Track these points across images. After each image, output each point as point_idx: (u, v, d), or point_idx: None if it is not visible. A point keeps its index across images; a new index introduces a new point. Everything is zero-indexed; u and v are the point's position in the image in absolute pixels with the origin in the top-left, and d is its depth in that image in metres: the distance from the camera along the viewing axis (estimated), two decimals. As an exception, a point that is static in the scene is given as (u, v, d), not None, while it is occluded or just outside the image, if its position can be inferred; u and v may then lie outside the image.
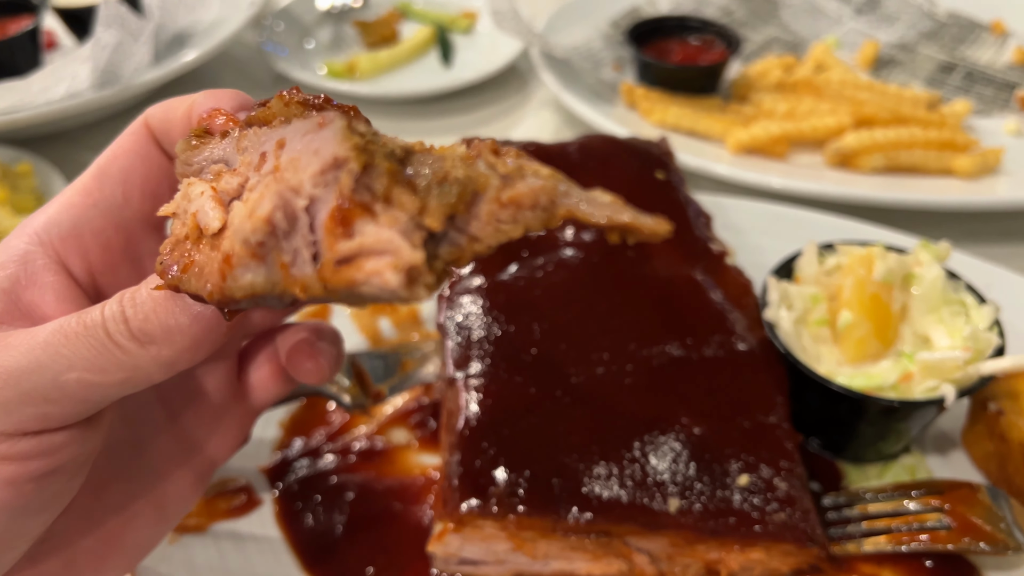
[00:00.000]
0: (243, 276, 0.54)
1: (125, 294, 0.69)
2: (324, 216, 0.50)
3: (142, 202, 0.83)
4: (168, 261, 0.63)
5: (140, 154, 0.81)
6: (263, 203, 0.52)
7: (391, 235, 0.48)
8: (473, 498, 1.05)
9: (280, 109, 0.59)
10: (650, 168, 1.52)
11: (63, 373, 0.66)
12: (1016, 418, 1.22)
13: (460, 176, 0.51)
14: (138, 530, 0.91)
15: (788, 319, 1.27)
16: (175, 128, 0.79)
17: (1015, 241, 1.88)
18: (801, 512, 1.08)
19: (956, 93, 2.35)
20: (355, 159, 0.49)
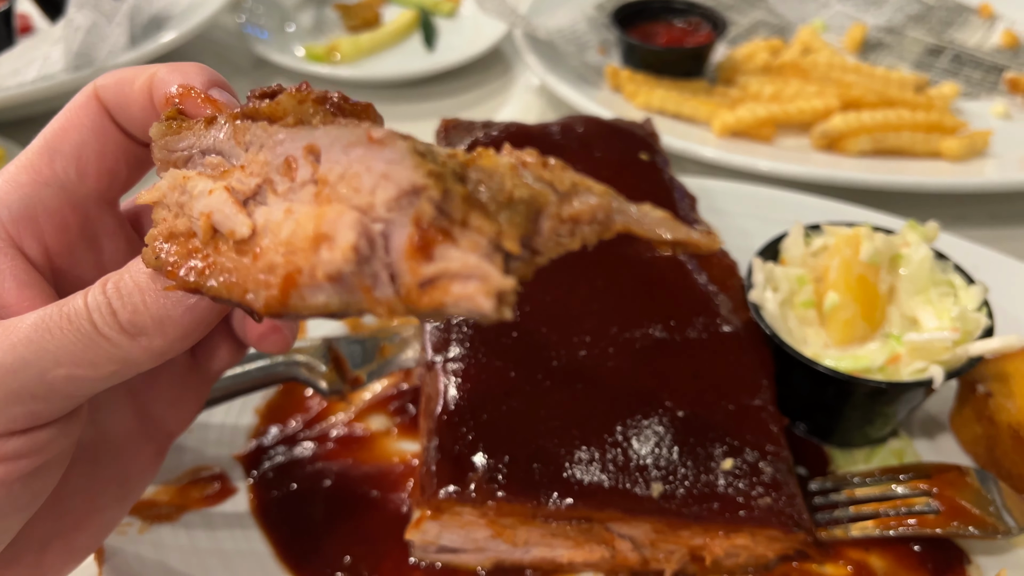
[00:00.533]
0: (315, 296, 0.54)
1: (108, 283, 0.66)
2: (401, 240, 0.50)
3: (98, 180, 0.79)
4: (174, 260, 0.61)
5: (93, 129, 0.76)
6: (343, 231, 0.51)
7: (477, 261, 0.49)
8: (451, 484, 1.03)
9: (293, 107, 0.58)
10: (634, 149, 1.49)
11: (50, 370, 0.65)
12: (1005, 400, 1.20)
13: (524, 196, 0.53)
14: (103, 509, 0.88)
15: (774, 301, 1.25)
16: (133, 104, 0.74)
17: (1003, 224, 1.86)
18: (787, 497, 1.06)
19: (944, 76, 2.33)
20: (434, 187, 0.50)
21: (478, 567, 1.12)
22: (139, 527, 1.10)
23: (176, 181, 0.63)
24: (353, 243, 0.51)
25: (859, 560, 1.14)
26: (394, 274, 0.51)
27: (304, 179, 0.56)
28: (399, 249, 0.50)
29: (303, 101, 0.58)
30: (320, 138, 0.56)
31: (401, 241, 0.50)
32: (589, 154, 1.45)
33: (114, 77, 0.76)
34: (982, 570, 1.13)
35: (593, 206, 0.54)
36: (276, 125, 0.59)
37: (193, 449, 1.22)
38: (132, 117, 0.75)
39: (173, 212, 0.63)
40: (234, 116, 0.62)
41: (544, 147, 1.46)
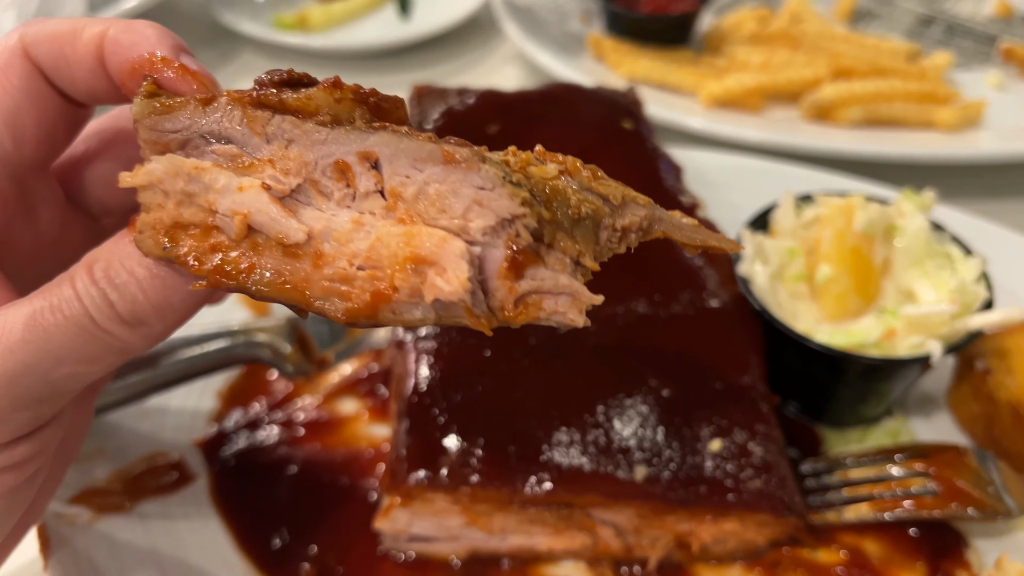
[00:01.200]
0: (410, 312, 0.57)
1: (95, 270, 0.63)
2: (496, 262, 0.56)
3: (36, 148, 0.72)
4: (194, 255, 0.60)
5: (27, 92, 0.69)
6: (455, 261, 0.55)
7: (568, 280, 0.57)
8: (422, 469, 0.97)
9: (328, 104, 0.59)
10: (617, 117, 1.42)
11: (53, 371, 0.64)
12: (1004, 377, 1.14)
13: (589, 212, 0.58)
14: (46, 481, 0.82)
15: (763, 274, 1.19)
16: (77, 66, 0.68)
17: (998, 197, 1.81)
18: (778, 479, 1.00)
19: (936, 46, 2.27)
20: (530, 216, 0.56)
21: (452, 557, 1.06)
22: (89, 517, 1.03)
23: (180, 168, 0.60)
24: (469, 275, 0.55)
25: (853, 545, 1.09)
26: (487, 291, 0.57)
27: (368, 189, 0.58)
28: (493, 270, 0.56)
29: (340, 100, 0.58)
30: (377, 146, 0.58)
31: (496, 263, 0.56)
32: (569, 122, 1.38)
33: (46, 31, 0.68)
34: (981, 554, 1.08)
35: (641, 217, 0.61)
36: (309, 122, 0.59)
37: (149, 435, 1.15)
38: (75, 80, 0.69)
39: (174, 200, 0.60)
40: (244, 101, 0.60)
41: (523, 115, 1.40)
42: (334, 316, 0.58)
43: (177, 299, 0.64)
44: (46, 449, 0.71)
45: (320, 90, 0.59)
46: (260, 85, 0.61)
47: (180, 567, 1.01)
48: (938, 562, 1.07)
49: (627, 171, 1.30)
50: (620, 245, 0.61)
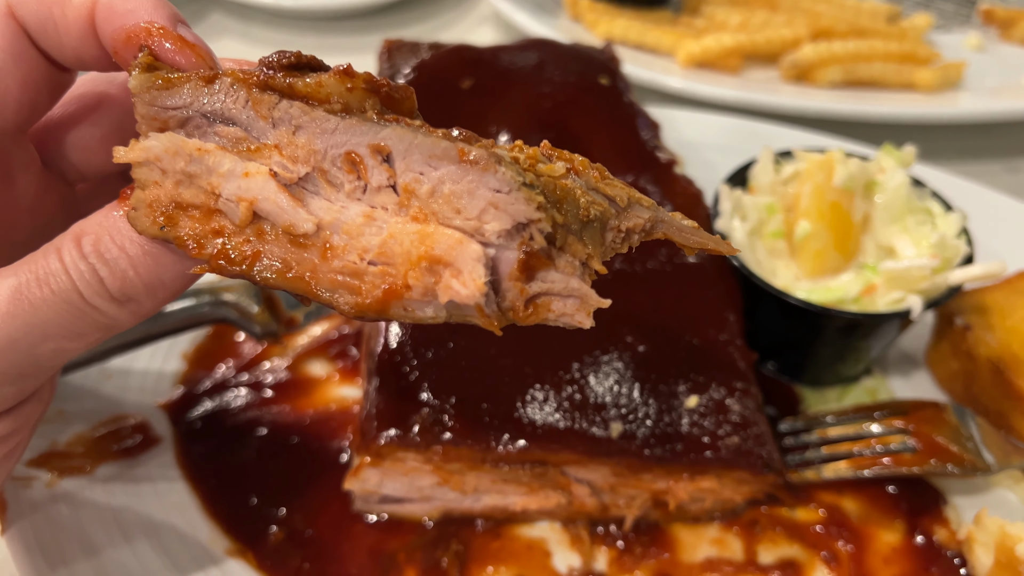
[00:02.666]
0: (422, 309, 0.58)
1: (83, 243, 0.61)
2: (509, 264, 0.57)
3: (18, 112, 0.70)
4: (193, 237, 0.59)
5: (13, 54, 0.67)
6: (472, 264, 0.55)
7: (578, 283, 0.59)
8: (393, 427, 0.94)
9: (339, 92, 0.58)
10: (593, 73, 1.39)
11: (38, 345, 0.62)
12: (984, 333, 1.13)
13: (597, 214, 0.59)
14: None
15: (741, 230, 1.16)
16: (66, 31, 0.66)
17: (978, 158, 1.80)
18: (756, 436, 0.99)
19: (916, 8, 2.25)
20: (545, 220, 0.56)
21: (424, 518, 1.03)
22: (47, 480, 0.99)
23: (181, 148, 0.59)
24: (486, 279, 0.55)
25: (832, 503, 1.07)
26: (498, 291, 0.57)
27: (380, 183, 0.58)
28: (506, 271, 0.57)
29: (352, 88, 0.58)
30: (390, 139, 0.57)
31: (509, 265, 0.57)
32: (545, 78, 1.35)
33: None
34: (959, 511, 1.07)
35: (645, 219, 0.62)
36: (319, 109, 0.58)
37: (111, 396, 1.12)
38: (62, 45, 0.67)
39: (173, 179, 0.59)
40: (249, 83, 0.59)
41: (497, 70, 1.36)
42: (342, 309, 0.58)
43: (168, 277, 0.63)
44: (27, 424, 0.71)
45: (331, 76, 0.58)
46: (267, 67, 0.60)
47: (144, 529, 0.98)
48: (917, 519, 1.06)
49: (605, 126, 1.28)
50: (623, 245, 0.62)
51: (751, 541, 1.04)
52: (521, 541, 1.03)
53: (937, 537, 1.04)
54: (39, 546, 0.92)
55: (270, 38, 2.13)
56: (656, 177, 1.23)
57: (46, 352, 0.63)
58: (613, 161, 1.23)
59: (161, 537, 0.98)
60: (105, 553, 0.94)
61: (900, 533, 1.05)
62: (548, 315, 0.59)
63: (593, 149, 1.22)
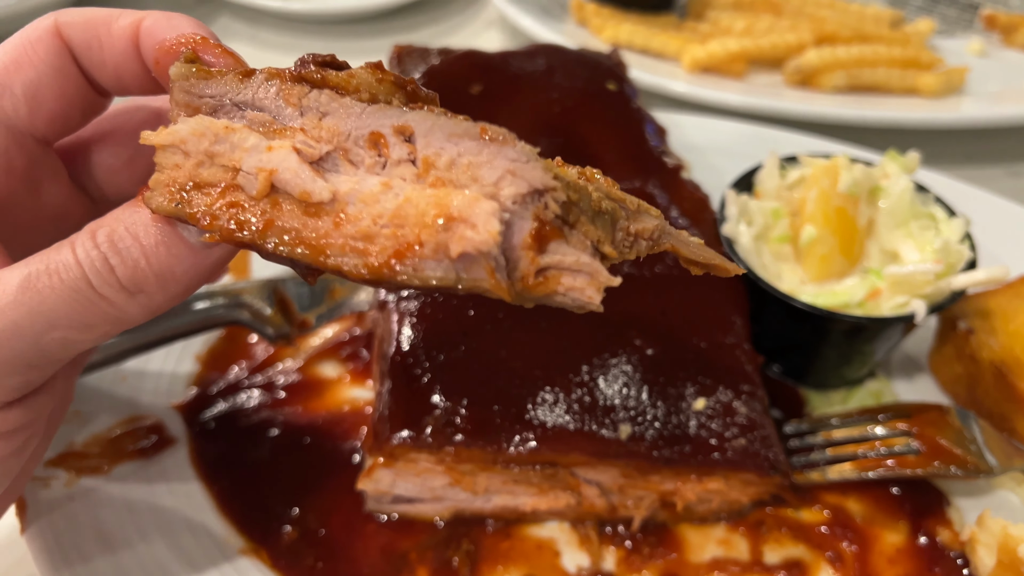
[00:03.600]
0: (431, 269, 0.56)
1: (98, 234, 0.61)
2: (523, 232, 0.56)
3: (50, 122, 0.73)
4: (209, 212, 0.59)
5: (53, 67, 0.70)
6: (486, 217, 0.55)
7: (589, 259, 0.57)
8: (406, 429, 0.95)
9: (369, 83, 0.60)
10: (601, 79, 1.40)
11: (45, 334, 0.62)
12: (987, 337, 1.14)
13: (608, 209, 0.60)
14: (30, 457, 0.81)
15: (747, 235, 1.18)
16: (109, 48, 0.69)
17: (980, 163, 1.81)
18: (762, 438, 1.00)
19: (919, 13, 2.26)
20: (561, 189, 0.56)
21: (436, 518, 1.05)
22: (66, 480, 1.01)
23: (209, 128, 0.60)
24: (500, 230, 0.55)
25: (836, 504, 1.09)
26: (510, 259, 0.57)
27: (400, 157, 0.59)
28: (519, 239, 0.56)
29: (382, 80, 0.60)
30: (413, 121, 0.59)
31: (523, 232, 0.56)
32: (553, 84, 1.36)
33: (82, 16, 0.70)
34: (962, 512, 1.09)
35: (652, 226, 0.63)
36: (347, 97, 0.60)
37: (127, 398, 1.13)
38: (103, 61, 0.70)
39: (195, 161, 0.60)
40: (283, 76, 0.61)
41: (506, 76, 1.37)
42: (350, 272, 0.57)
43: (180, 269, 0.63)
44: (37, 419, 0.70)
45: (363, 69, 0.60)
46: (302, 63, 0.62)
47: (160, 528, 0.99)
48: (920, 520, 1.07)
49: (613, 132, 1.29)
50: (631, 251, 0.62)
51: (757, 541, 1.06)
52: (531, 541, 1.04)
53: (940, 538, 1.05)
54: (58, 544, 0.94)
55: (279, 42, 2.15)
56: (663, 182, 1.25)
57: (52, 342, 0.63)
58: (621, 166, 1.25)
59: (176, 536, 1.00)
60: (122, 551, 0.96)
61: (904, 534, 1.06)
62: (558, 287, 0.58)
63: (602, 154, 1.24)
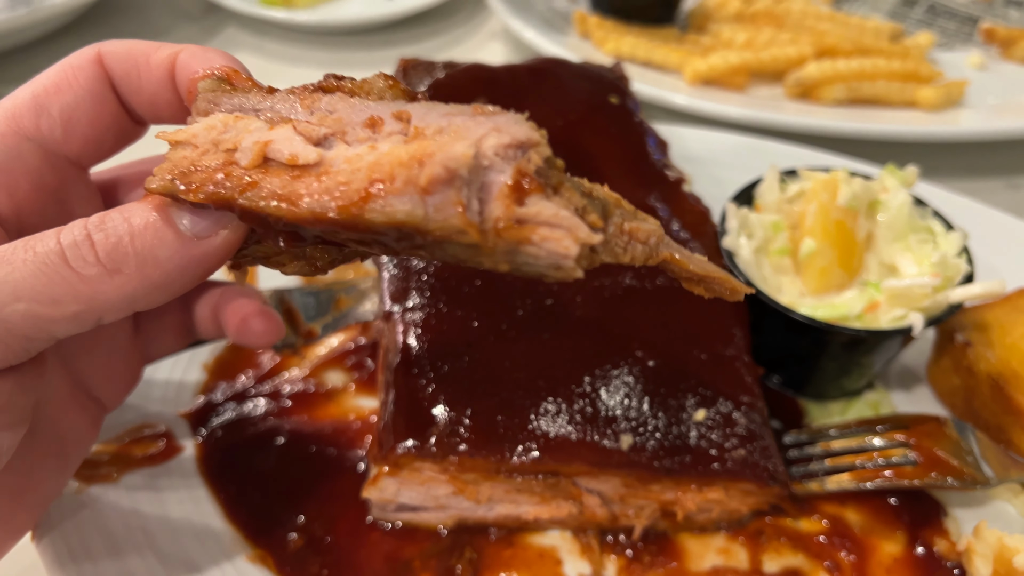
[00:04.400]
0: (398, 204, 0.54)
1: (88, 220, 0.62)
2: (500, 182, 0.55)
3: (83, 144, 0.76)
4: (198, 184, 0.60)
5: (91, 92, 0.74)
6: (459, 147, 0.54)
7: (568, 215, 0.55)
8: (410, 438, 0.97)
9: (380, 88, 0.63)
10: (603, 92, 1.42)
11: (8, 305, 0.60)
12: (984, 350, 1.16)
13: (600, 195, 0.61)
14: (41, 482, 0.84)
15: (748, 248, 1.20)
16: (147, 77, 0.73)
17: (979, 176, 1.83)
18: (761, 449, 1.02)
19: (918, 26, 2.28)
20: (544, 145, 0.56)
21: (439, 526, 1.06)
22: (76, 487, 1.03)
23: (220, 120, 0.62)
24: (473, 153, 0.54)
25: (835, 514, 1.10)
26: (485, 206, 0.55)
27: (392, 131, 0.59)
28: (496, 188, 0.55)
29: (392, 87, 0.63)
30: (412, 108, 0.60)
31: (500, 182, 0.55)
32: (557, 97, 1.38)
33: (124, 46, 0.74)
34: (959, 523, 1.10)
35: (648, 229, 0.63)
36: (357, 97, 0.62)
37: (136, 406, 1.15)
38: (140, 89, 0.73)
39: (201, 150, 0.61)
40: (306, 89, 0.64)
41: (510, 89, 1.39)
42: (322, 215, 0.56)
43: (164, 254, 0.62)
44: (9, 406, 0.67)
45: (376, 76, 0.63)
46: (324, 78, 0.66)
47: (168, 536, 1.01)
48: (918, 530, 1.09)
49: (616, 145, 1.31)
50: (625, 252, 0.62)
51: (756, 551, 1.07)
52: (533, 549, 1.06)
53: (937, 548, 1.07)
54: (68, 551, 0.95)
55: (284, 53, 2.18)
56: (665, 196, 1.26)
57: (16, 313, 0.60)
58: (624, 179, 1.27)
59: (184, 542, 1.01)
60: (131, 557, 0.97)
61: (901, 544, 1.07)
62: (532, 236, 0.55)
63: (604, 168, 1.26)
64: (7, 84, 1.92)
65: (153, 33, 2.21)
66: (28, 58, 1.99)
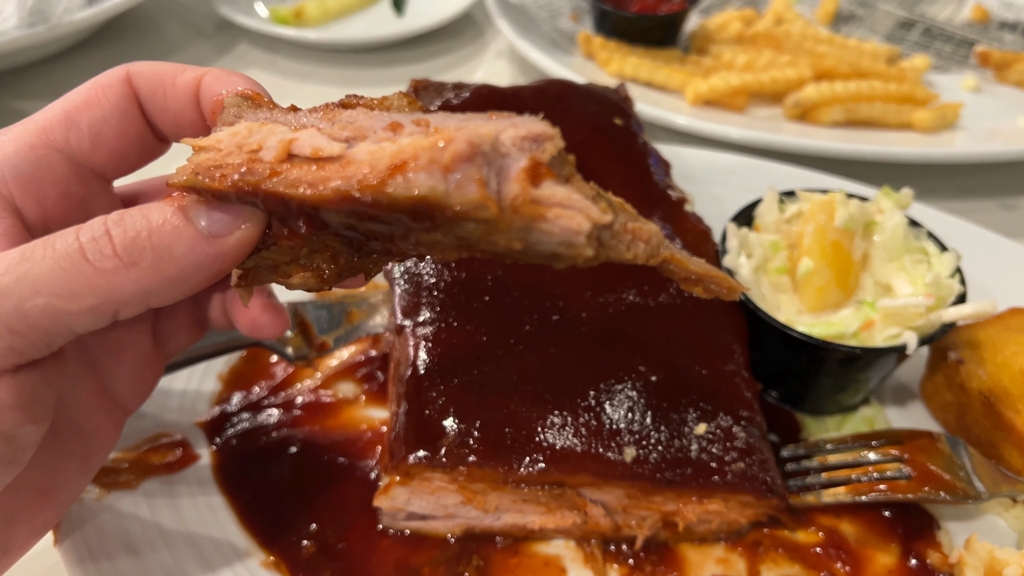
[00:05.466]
0: (421, 180, 0.57)
1: (107, 217, 0.65)
2: (517, 167, 0.58)
3: (108, 158, 0.80)
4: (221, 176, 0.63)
5: (119, 109, 0.78)
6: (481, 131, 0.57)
7: (580, 198, 0.59)
8: (421, 449, 1.00)
9: (398, 104, 0.67)
10: (608, 114, 1.46)
11: (28, 299, 0.62)
12: (976, 367, 1.20)
13: (606, 195, 0.64)
14: (65, 482, 0.87)
15: (747, 266, 1.24)
16: (173, 97, 0.77)
17: (973, 197, 1.87)
18: (760, 462, 1.05)
19: (915, 49, 2.33)
20: (559, 139, 0.60)
21: (448, 534, 1.10)
22: (96, 494, 1.06)
23: (247, 127, 0.65)
24: (495, 134, 0.57)
25: (830, 526, 1.13)
26: (503, 187, 0.58)
27: (412, 132, 0.61)
28: (513, 172, 0.58)
29: (411, 104, 0.67)
30: (431, 116, 0.63)
31: (517, 167, 0.58)
32: (562, 118, 1.41)
33: (152, 67, 0.78)
34: (951, 535, 1.13)
35: (650, 230, 0.67)
36: (376, 110, 0.66)
37: (153, 415, 1.18)
38: (165, 108, 0.77)
39: (225, 152, 0.64)
40: (326, 106, 0.67)
41: (517, 109, 1.43)
42: (346, 191, 0.59)
43: (180, 250, 0.65)
44: (31, 402, 0.69)
45: (396, 94, 0.67)
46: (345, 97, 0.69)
47: (185, 542, 1.04)
48: (911, 543, 1.12)
49: (619, 166, 1.35)
50: (628, 250, 0.65)
51: (754, 561, 1.10)
52: (538, 558, 1.09)
53: (930, 560, 1.10)
54: (90, 554, 0.99)
55: (295, 69, 2.22)
56: (668, 215, 1.30)
57: (36, 307, 0.62)
58: (628, 199, 1.28)
59: (201, 548, 1.04)
60: (149, 561, 1.01)
61: (895, 556, 1.10)
62: (547, 214, 0.59)
63: (609, 187, 1.28)
64: (26, 98, 1.98)
65: (167, 49, 2.26)
66: (46, 73, 2.03)
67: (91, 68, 2.08)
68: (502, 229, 0.59)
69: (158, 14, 2.39)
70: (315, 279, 0.73)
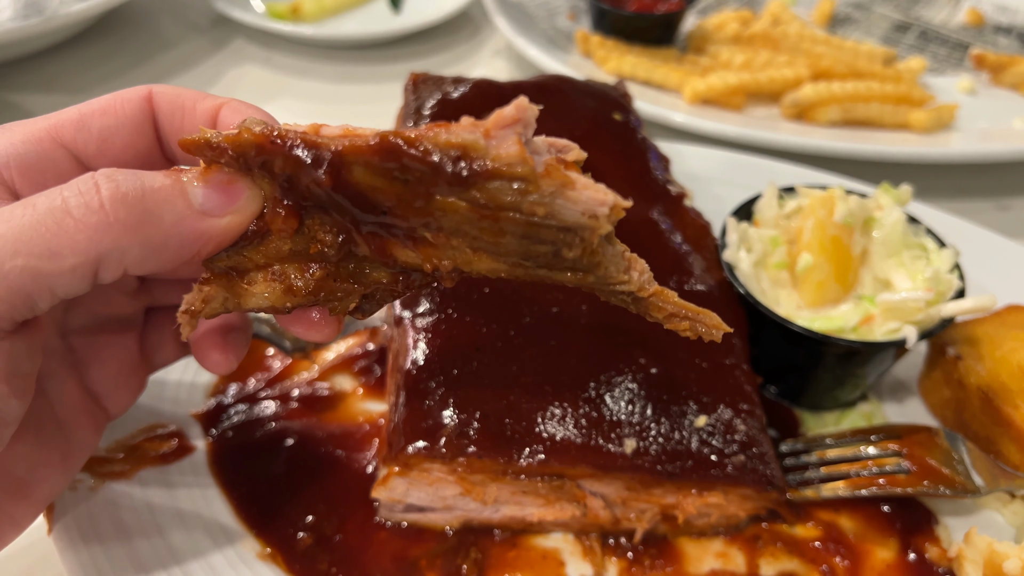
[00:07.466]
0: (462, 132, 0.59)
1: (98, 171, 0.65)
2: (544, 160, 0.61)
3: (112, 165, 0.78)
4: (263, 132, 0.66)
5: (133, 123, 0.79)
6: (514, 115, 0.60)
7: (600, 185, 0.63)
8: (420, 440, 1.00)
9: None
10: (607, 109, 1.46)
11: (7, 261, 0.61)
12: (974, 363, 1.20)
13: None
14: (44, 479, 0.87)
15: (747, 261, 1.23)
16: (189, 123, 0.79)
17: (968, 196, 1.87)
18: (760, 455, 1.05)
19: (910, 52, 2.34)
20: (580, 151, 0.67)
21: (446, 526, 1.09)
22: (92, 484, 1.05)
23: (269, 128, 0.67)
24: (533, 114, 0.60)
25: (829, 521, 1.13)
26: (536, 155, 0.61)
27: None
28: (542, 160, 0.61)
29: None
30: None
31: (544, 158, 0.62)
32: (563, 113, 1.42)
33: (174, 90, 0.80)
34: (950, 530, 1.13)
35: (644, 264, 0.72)
36: None
37: (149, 406, 1.17)
38: (181, 130, 0.79)
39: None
40: None
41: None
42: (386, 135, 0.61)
43: (169, 218, 0.65)
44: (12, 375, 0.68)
45: None
46: None
47: (180, 531, 1.03)
48: (910, 537, 1.12)
49: (620, 161, 1.35)
50: (624, 272, 0.70)
51: (753, 555, 1.10)
52: (536, 551, 1.09)
53: (929, 554, 1.10)
54: (85, 546, 0.97)
55: (291, 65, 2.21)
56: (668, 209, 1.30)
57: (15, 268, 0.61)
58: (628, 193, 1.28)
59: (196, 539, 1.03)
60: (144, 551, 0.99)
61: (894, 550, 1.10)
62: (577, 183, 0.62)
63: (610, 182, 1.28)
64: (20, 91, 1.96)
65: (162, 44, 2.25)
66: (40, 65, 2.02)
67: (86, 62, 2.07)
68: (532, 191, 0.60)
69: (153, 8, 2.38)
70: (281, 293, 0.72)
